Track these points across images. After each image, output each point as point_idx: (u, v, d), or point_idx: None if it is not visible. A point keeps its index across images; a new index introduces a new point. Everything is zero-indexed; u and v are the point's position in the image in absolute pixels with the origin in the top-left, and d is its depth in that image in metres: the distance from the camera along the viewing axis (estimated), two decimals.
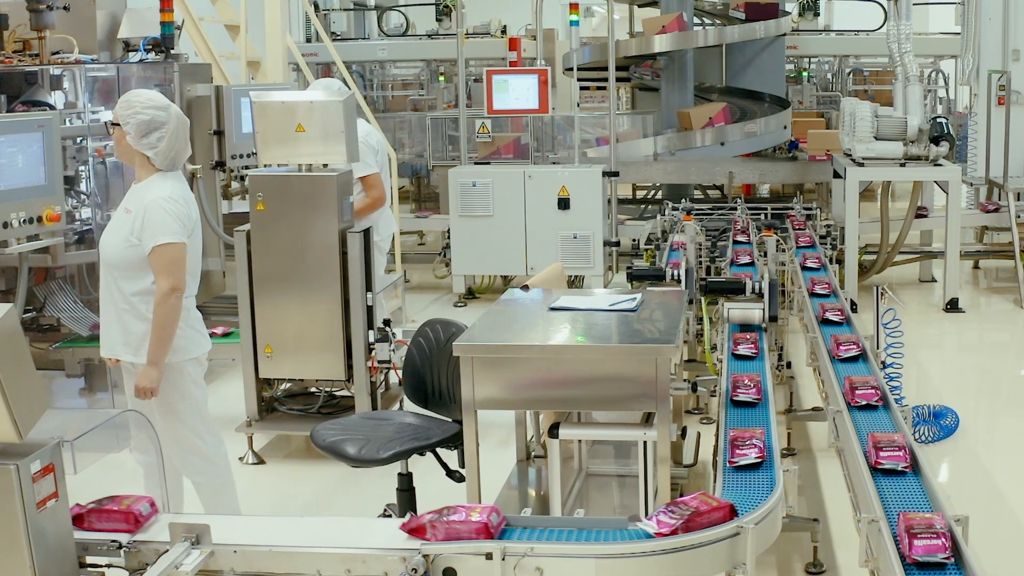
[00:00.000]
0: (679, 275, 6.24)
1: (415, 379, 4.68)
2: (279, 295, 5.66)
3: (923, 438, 5.77)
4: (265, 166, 5.76)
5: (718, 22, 12.37)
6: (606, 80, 10.21)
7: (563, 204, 8.86)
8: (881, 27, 14.61)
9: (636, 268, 6.43)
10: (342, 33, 18.04)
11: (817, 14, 16.22)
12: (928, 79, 15.50)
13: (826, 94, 15.59)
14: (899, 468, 3.58)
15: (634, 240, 9.46)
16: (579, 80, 13.22)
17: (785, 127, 11.51)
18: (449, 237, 9.26)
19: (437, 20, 16.75)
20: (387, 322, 5.67)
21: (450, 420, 4.52)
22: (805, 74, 15.17)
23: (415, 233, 11.88)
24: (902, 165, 8.78)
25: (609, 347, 3.98)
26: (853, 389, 4.37)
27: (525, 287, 4.96)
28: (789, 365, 5.99)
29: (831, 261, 8.00)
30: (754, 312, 5.50)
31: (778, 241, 5.87)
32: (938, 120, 8.73)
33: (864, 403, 4.29)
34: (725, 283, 5.66)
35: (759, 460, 3.62)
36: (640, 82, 12.79)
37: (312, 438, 4.50)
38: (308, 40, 16.54)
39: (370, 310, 5.69)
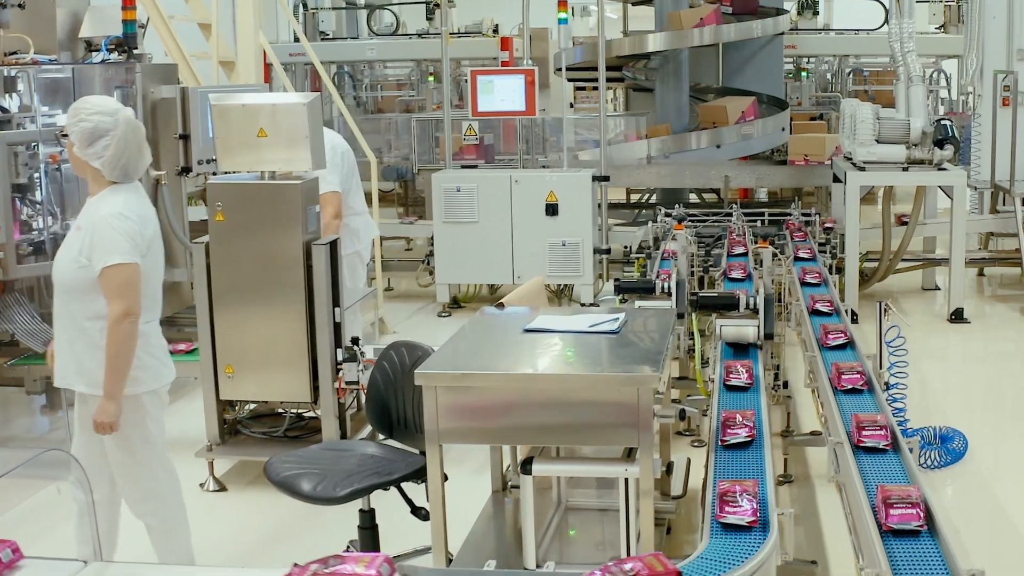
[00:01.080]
0: (669, 287, 5.90)
1: (379, 406, 4.33)
2: (240, 311, 5.30)
3: (930, 463, 5.41)
4: (225, 173, 5.41)
5: None
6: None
7: (551, 210, 8.50)
8: (882, 26, 14.26)
9: (624, 280, 6.06)
10: (332, 32, 17.68)
11: (816, 13, 15.86)
12: (929, 80, 15.14)
13: (825, 95, 15.22)
14: (880, 446, 3.76)
15: (626, 247, 9.13)
16: (572, 80, 12.86)
17: (783, 129, 11.14)
18: (433, 244, 8.90)
19: (427, 19, 16.40)
20: (355, 340, 5.30)
21: (417, 452, 4.16)
22: (805, 74, 14.79)
23: (402, 239, 11.51)
24: (905, 169, 8.41)
25: (585, 376, 3.62)
26: (840, 375, 4.54)
27: (500, 304, 4.61)
28: (786, 385, 5.63)
29: (831, 271, 7.64)
30: (748, 330, 5.15)
31: (774, 253, 5.51)
32: (942, 122, 8.36)
33: (850, 387, 4.47)
34: (718, 299, 5.29)
35: (749, 439, 3.81)
36: (634, 82, 12.42)
37: (266, 472, 4.16)
38: (296, 40, 16.18)
39: (337, 327, 5.33)
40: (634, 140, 10.65)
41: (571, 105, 18.63)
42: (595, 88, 17.44)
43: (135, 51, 6.59)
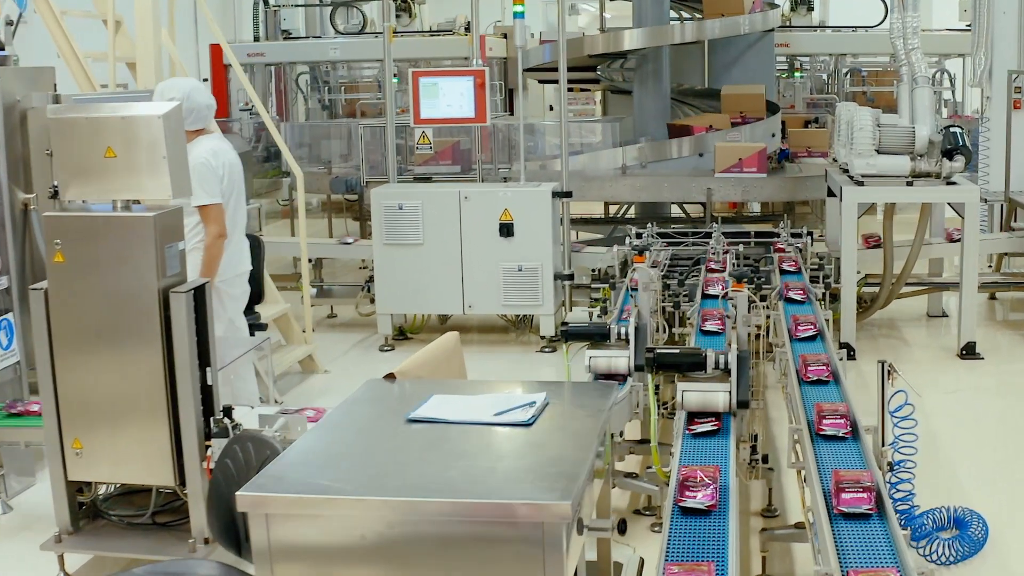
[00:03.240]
0: (627, 333, 4.89)
1: (223, 516, 3.30)
2: (86, 374, 4.27)
3: (944, 558, 4.37)
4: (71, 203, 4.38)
5: (698, 16, 10.95)
6: (576, 82, 8.85)
7: (505, 230, 7.46)
8: (882, 22, 13.23)
9: (572, 324, 5.04)
10: (302, 31, 16.66)
11: (811, 8, 14.82)
12: (932, 80, 14.08)
13: (821, 96, 14.18)
14: (840, 434, 3.81)
15: (594, 271, 8.13)
16: (544, 82, 11.85)
17: (773, 135, 10.10)
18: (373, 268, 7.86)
19: (396, 16, 15.34)
20: (227, 410, 4.27)
21: None
22: (798, 75, 13.75)
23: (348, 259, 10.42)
24: (909, 184, 7.35)
25: (467, 504, 2.58)
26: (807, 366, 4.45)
27: (391, 376, 3.58)
28: (766, 459, 4.59)
29: (824, 302, 6.62)
30: (717, 396, 4.12)
31: (751, 298, 4.48)
32: (952, 130, 7.32)
33: (815, 378, 4.41)
34: (679, 356, 4.25)
35: (715, 428, 3.82)
36: (611, 84, 11.39)
37: None
38: (256, 39, 15.21)
39: (208, 392, 4.30)
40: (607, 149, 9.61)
41: (551, 108, 17.68)
42: (583, 90, 16.48)
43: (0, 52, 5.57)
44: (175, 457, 4.30)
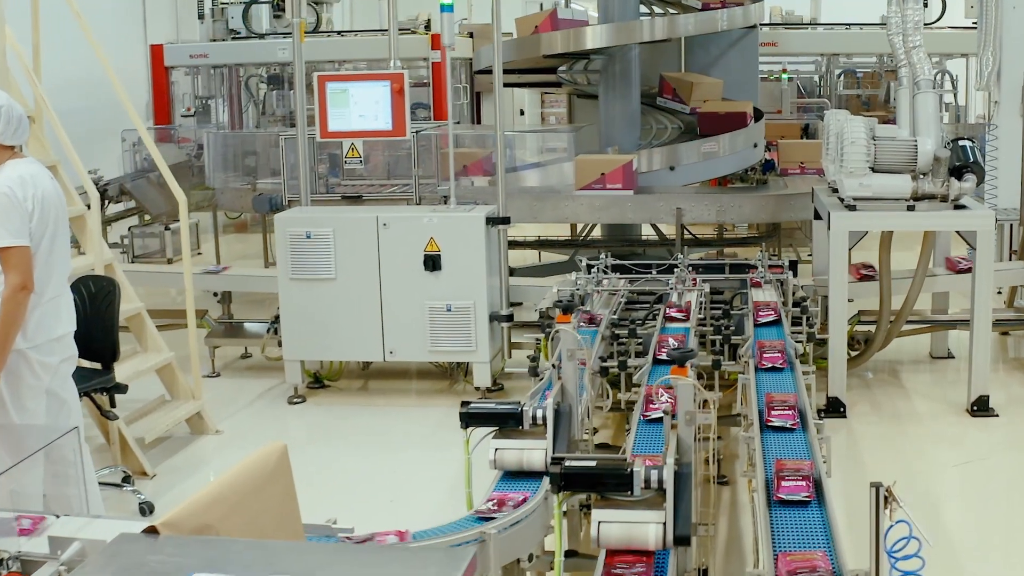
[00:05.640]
0: (545, 416, 3.78)
1: None
2: None
3: None
4: None
5: (671, 11, 9.77)
6: (534, 85, 7.71)
7: (431, 263, 6.30)
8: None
9: (475, 404, 3.90)
10: (241, 30, 15.51)
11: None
12: (933, 83, 12.92)
13: (812, 101, 13.04)
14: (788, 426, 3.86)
15: (538, 310, 6.96)
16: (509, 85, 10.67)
17: (756, 145, 8.95)
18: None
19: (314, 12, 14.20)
20: None
21: None
22: (785, 76, 12.60)
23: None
24: (910, 208, 6.19)
25: None
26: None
27: (152, 530, 2.44)
28: None
29: (808, 346, 5.50)
30: (647, 528, 2.99)
31: (702, 372, 3.33)
32: (961, 143, 6.17)
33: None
34: (597, 472, 3.10)
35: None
36: (575, 88, 10.24)
37: None
38: (215, 39, 14.08)
39: None
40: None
41: (522, 113, 16.57)
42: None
43: None
44: None
